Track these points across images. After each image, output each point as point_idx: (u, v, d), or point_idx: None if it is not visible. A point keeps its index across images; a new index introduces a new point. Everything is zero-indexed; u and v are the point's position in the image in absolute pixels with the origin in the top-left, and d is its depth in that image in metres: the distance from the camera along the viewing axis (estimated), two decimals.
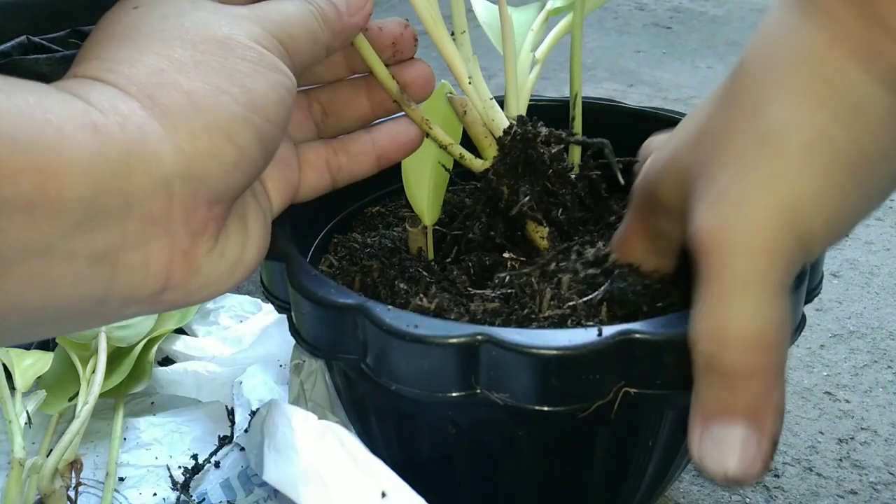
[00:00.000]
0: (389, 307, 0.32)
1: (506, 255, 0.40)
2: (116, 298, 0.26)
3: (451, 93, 0.41)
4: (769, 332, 0.24)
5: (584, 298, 0.35)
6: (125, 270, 0.25)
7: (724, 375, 0.24)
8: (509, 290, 0.37)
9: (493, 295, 0.37)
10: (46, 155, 0.22)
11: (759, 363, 0.24)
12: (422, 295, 0.38)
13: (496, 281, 0.39)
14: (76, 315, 0.25)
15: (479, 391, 0.31)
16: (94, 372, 0.50)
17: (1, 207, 0.21)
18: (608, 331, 0.30)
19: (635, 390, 0.31)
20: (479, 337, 0.30)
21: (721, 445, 0.25)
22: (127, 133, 0.25)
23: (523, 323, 0.35)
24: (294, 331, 0.36)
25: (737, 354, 0.24)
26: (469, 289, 0.39)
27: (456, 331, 0.30)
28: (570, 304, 0.35)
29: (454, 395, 0.31)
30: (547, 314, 0.35)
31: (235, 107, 0.27)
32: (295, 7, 0.31)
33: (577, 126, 0.44)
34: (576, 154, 0.42)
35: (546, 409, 0.31)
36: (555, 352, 0.29)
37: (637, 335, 0.30)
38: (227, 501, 0.47)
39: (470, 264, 0.40)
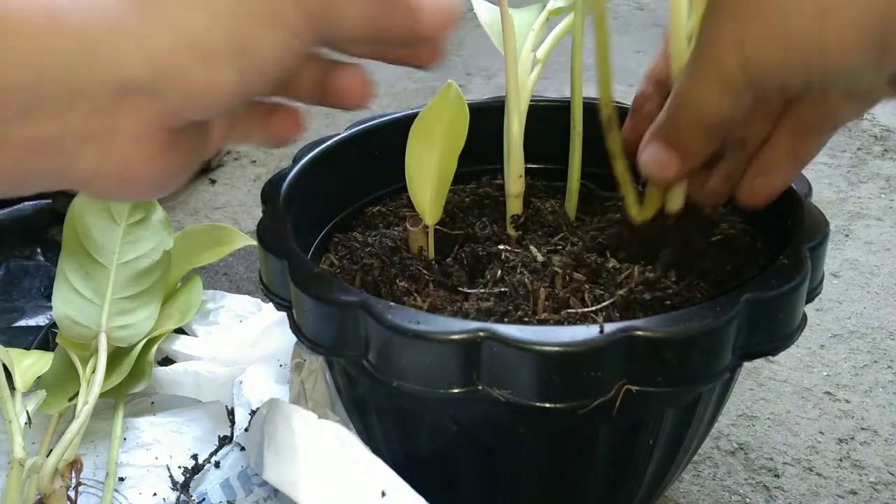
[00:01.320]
0: (392, 304, 0.32)
1: (500, 246, 0.40)
2: (47, 177, 0.25)
3: (457, 93, 0.41)
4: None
5: (585, 308, 0.35)
6: (60, 157, 0.25)
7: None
8: (503, 289, 0.38)
9: (486, 293, 0.37)
10: None
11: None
12: (415, 294, 0.38)
13: (488, 276, 0.39)
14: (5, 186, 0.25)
15: (480, 387, 0.31)
16: (94, 372, 0.50)
17: None
18: (610, 328, 0.30)
19: (636, 388, 0.31)
20: (482, 333, 0.30)
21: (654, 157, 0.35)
22: (90, 22, 0.22)
23: (518, 324, 0.35)
24: (295, 328, 0.36)
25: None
26: (463, 288, 0.39)
27: (458, 327, 0.30)
28: (570, 310, 0.35)
29: (455, 391, 0.31)
30: (542, 317, 0.36)
31: (225, 44, 0.25)
32: None
33: (578, 126, 0.44)
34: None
35: (547, 405, 0.31)
36: (556, 348, 0.29)
37: (639, 332, 0.30)
38: (227, 501, 0.47)
39: (463, 255, 0.40)
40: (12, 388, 0.49)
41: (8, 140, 0.23)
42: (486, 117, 0.45)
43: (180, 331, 0.60)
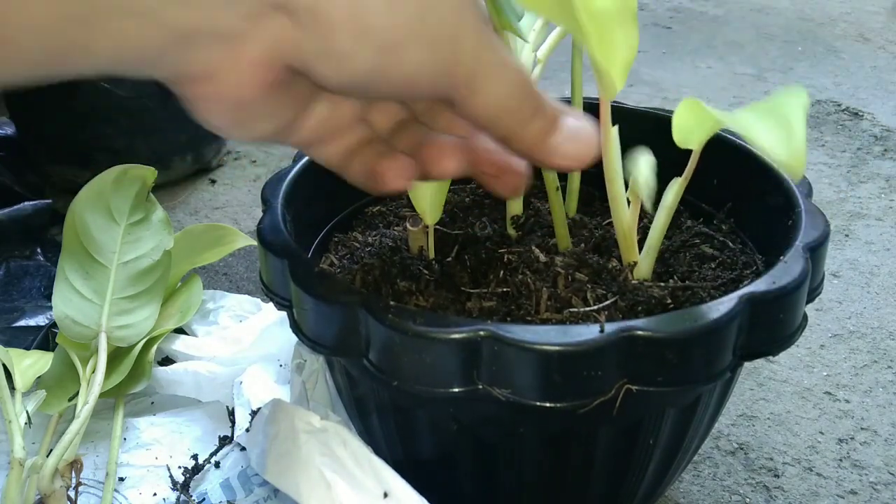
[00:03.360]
0: (392, 303, 0.32)
1: (501, 250, 0.41)
2: (160, 62, 0.25)
3: None
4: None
5: (587, 308, 0.35)
6: (189, 47, 0.25)
7: None
8: (506, 289, 0.38)
9: (489, 293, 0.37)
10: None
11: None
12: (417, 294, 0.38)
13: (491, 277, 0.39)
14: (123, 65, 0.25)
15: (480, 387, 0.31)
16: (94, 372, 0.49)
17: None
18: (610, 327, 0.30)
19: (637, 387, 0.31)
20: (482, 332, 0.30)
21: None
22: None
23: (520, 323, 0.35)
24: (296, 327, 0.36)
25: None
26: (465, 288, 0.39)
27: (458, 326, 0.30)
28: (572, 309, 0.35)
29: (456, 390, 0.31)
30: (545, 316, 0.36)
31: (380, 30, 0.25)
32: (514, 69, 0.28)
33: None
34: None
35: (547, 405, 0.31)
36: (557, 347, 0.29)
37: (639, 332, 0.30)
38: (227, 501, 0.47)
39: (467, 258, 0.41)
40: (12, 388, 0.49)
41: (155, 19, 0.23)
42: None
43: (180, 331, 0.60)
